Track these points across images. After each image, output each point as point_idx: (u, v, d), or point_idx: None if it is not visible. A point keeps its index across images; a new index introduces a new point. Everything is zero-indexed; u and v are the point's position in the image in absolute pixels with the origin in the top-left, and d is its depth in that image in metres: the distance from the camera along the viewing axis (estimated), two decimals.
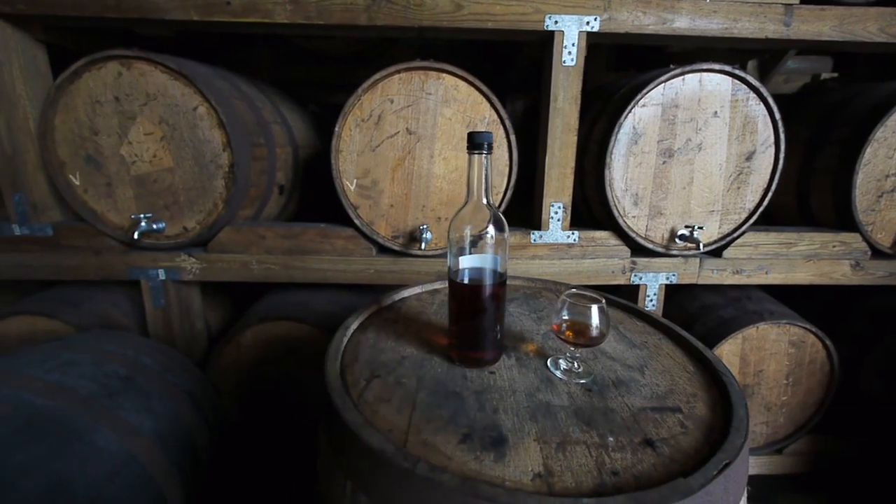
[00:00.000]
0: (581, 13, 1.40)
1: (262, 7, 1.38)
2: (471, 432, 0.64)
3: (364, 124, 1.46)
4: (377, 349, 0.85)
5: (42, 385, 1.11)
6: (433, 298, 1.12)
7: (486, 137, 0.74)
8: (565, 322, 0.79)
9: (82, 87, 1.42)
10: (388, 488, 0.55)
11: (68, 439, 1.02)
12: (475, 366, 0.80)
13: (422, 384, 0.74)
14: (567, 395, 0.74)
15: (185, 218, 1.54)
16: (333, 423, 0.63)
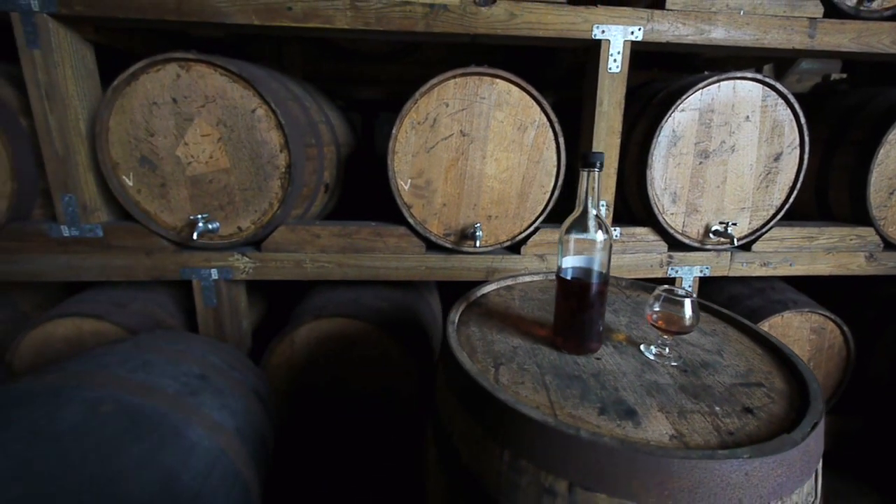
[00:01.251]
0: (626, 24, 1.54)
1: (323, 13, 1.47)
2: (605, 406, 0.77)
3: (420, 127, 1.57)
4: (487, 341, 0.97)
5: (133, 385, 1.19)
6: (511, 294, 1.25)
7: (598, 157, 0.87)
8: (657, 313, 0.93)
9: (139, 89, 1.49)
10: (552, 452, 0.68)
11: (168, 435, 1.11)
12: (582, 353, 0.93)
13: (543, 370, 0.87)
14: (668, 375, 0.88)
15: (240, 218, 1.62)
16: (486, 404, 0.75)
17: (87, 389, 1.09)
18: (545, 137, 1.61)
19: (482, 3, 1.49)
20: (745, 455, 0.67)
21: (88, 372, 1.16)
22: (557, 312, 0.94)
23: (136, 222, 1.60)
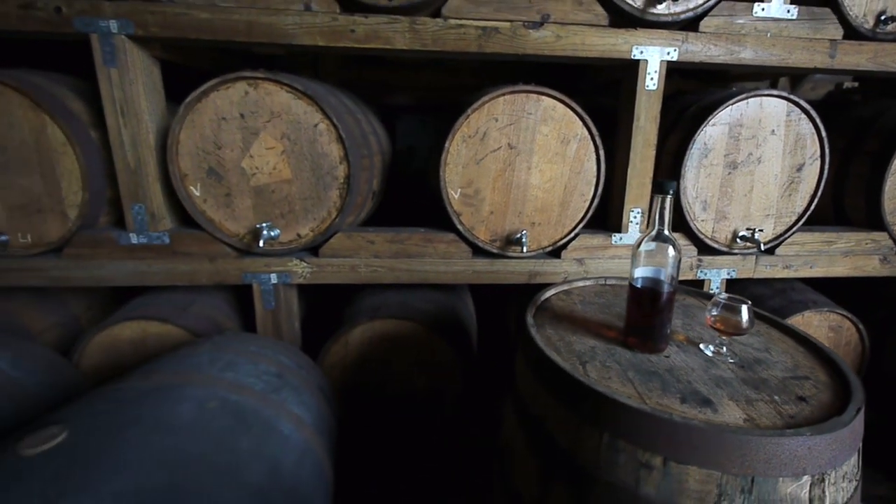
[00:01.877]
0: (662, 45, 1.69)
1: (384, 35, 1.60)
2: (684, 396, 0.91)
3: (470, 140, 1.70)
4: (566, 342, 1.11)
5: (227, 383, 1.31)
6: (570, 298, 1.39)
7: (671, 186, 1.01)
8: (715, 317, 1.08)
9: (209, 105, 1.60)
10: (647, 433, 0.82)
11: (266, 429, 1.24)
12: (653, 352, 1.07)
13: (623, 366, 1.01)
14: (729, 370, 1.03)
15: (300, 225, 1.74)
16: (585, 396, 0.88)
17: (192, 388, 1.22)
18: (586, 150, 1.75)
19: (531, 27, 1.63)
20: (807, 433, 0.81)
21: (188, 372, 1.28)
22: (629, 316, 1.08)
23: (201, 230, 1.72)
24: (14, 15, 1.48)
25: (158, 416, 1.08)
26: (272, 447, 1.18)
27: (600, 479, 0.85)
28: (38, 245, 1.70)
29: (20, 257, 1.69)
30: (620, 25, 1.67)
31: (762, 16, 1.69)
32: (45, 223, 1.68)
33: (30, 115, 1.58)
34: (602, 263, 1.87)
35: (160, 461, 0.97)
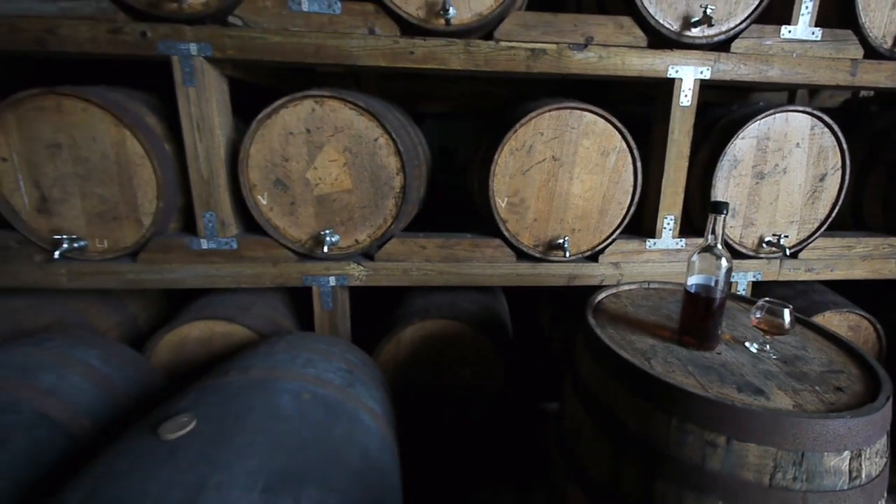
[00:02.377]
0: (696, 64, 1.84)
1: (440, 56, 1.75)
2: (740, 387, 1.07)
3: (517, 152, 1.85)
4: (627, 340, 1.26)
5: (312, 378, 1.47)
6: (620, 301, 1.54)
7: (725, 206, 1.16)
8: (760, 319, 1.23)
9: (278, 121, 1.75)
10: (713, 417, 0.97)
11: (351, 419, 1.39)
12: (706, 350, 1.22)
13: (683, 361, 1.16)
14: (774, 365, 1.18)
15: (358, 232, 1.89)
16: (656, 387, 1.03)
17: (286, 382, 1.37)
18: (624, 161, 1.90)
19: (576, 49, 1.78)
20: (847, 417, 0.97)
21: (278, 368, 1.43)
22: (684, 318, 1.23)
23: (267, 236, 1.87)
24: (104, 39, 1.63)
25: (267, 407, 1.23)
26: (359, 435, 1.34)
27: (670, 456, 1.00)
28: (113, 250, 1.85)
29: (97, 261, 1.84)
30: (658, 47, 1.82)
31: (789, 37, 1.85)
32: (121, 229, 1.83)
33: (111, 130, 1.72)
34: (636, 267, 2.02)
35: (277, 444, 1.12)
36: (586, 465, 1.19)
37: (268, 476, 1.03)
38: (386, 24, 1.71)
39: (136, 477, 0.96)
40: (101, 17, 1.62)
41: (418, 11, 1.69)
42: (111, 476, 0.98)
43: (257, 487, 0.99)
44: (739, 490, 0.95)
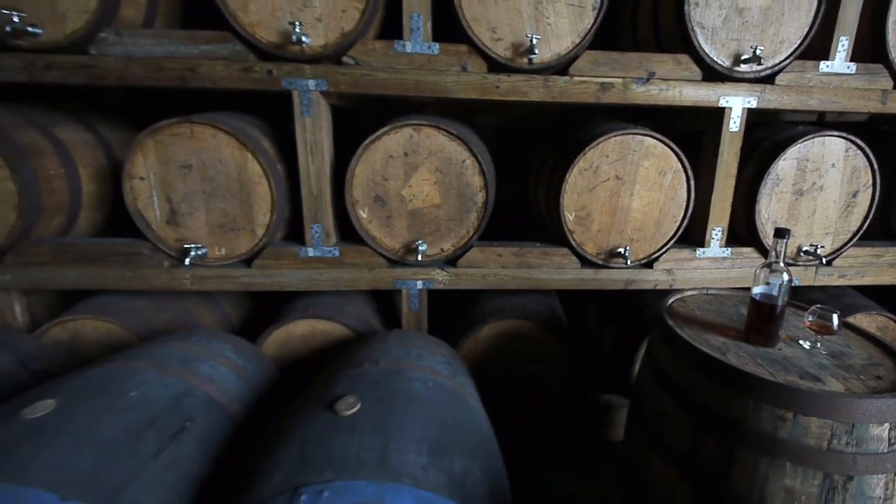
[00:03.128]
0: (744, 95, 2.12)
1: (522, 89, 2.04)
2: (801, 375, 1.36)
3: (585, 172, 2.14)
4: (702, 338, 1.55)
5: (428, 369, 1.76)
6: (686, 305, 1.83)
7: (787, 233, 1.44)
8: (812, 321, 1.52)
9: (380, 146, 2.05)
10: (783, 397, 1.26)
11: (464, 403, 1.68)
12: (769, 346, 1.51)
13: (752, 356, 1.45)
14: (825, 359, 1.47)
15: (444, 241, 2.19)
16: (737, 375, 1.32)
17: (412, 371, 1.66)
18: (679, 180, 2.19)
19: (639, 82, 2.07)
20: (887, 397, 1.26)
21: (402, 361, 1.73)
22: (750, 320, 1.52)
23: (365, 245, 2.16)
24: (236, 76, 1.93)
25: (405, 392, 1.53)
26: (472, 416, 1.63)
27: (748, 429, 1.29)
28: (229, 257, 2.15)
29: (215, 266, 2.14)
30: (711, 80, 2.10)
31: (827, 71, 2.13)
32: (238, 239, 2.13)
33: (236, 153, 2.02)
34: (687, 273, 2.31)
35: (424, 421, 1.42)
36: (670, 439, 1.48)
37: (427, 444, 1.32)
38: (476, 63, 2.00)
39: (332, 442, 1.26)
40: (235, 58, 1.92)
41: (505, 52, 1.98)
42: (311, 441, 1.28)
43: (424, 452, 1.29)
44: (804, 454, 1.24)
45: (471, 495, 1.26)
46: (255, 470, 1.28)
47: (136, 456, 1.30)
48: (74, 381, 1.48)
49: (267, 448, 1.35)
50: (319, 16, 1.89)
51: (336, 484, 1.13)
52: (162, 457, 1.34)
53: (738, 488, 1.31)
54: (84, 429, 1.29)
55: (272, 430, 1.49)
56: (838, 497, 1.23)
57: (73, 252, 2.08)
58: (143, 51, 1.89)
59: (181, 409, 1.51)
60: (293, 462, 1.22)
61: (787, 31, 2.04)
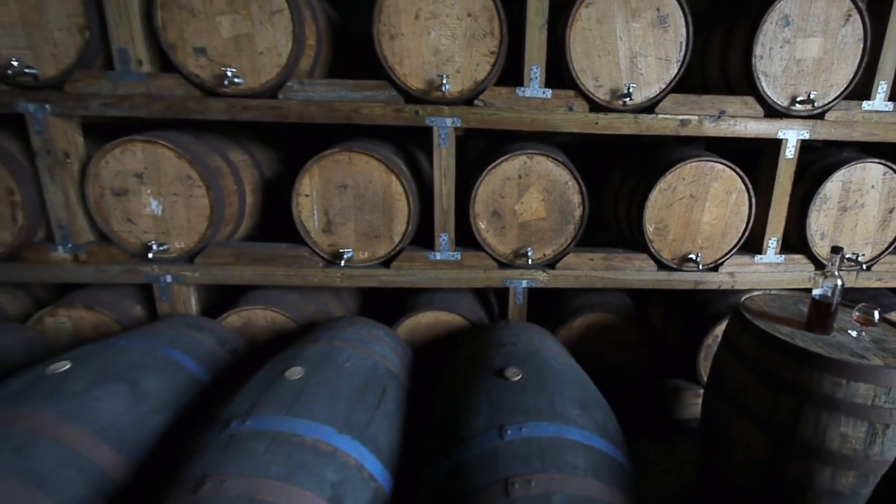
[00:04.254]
0: (799, 128, 2.63)
1: (616, 125, 2.57)
2: (852, 354, 1.88)
3: (664, 192, 2.67)
4: (773, 328, 2.08)
5: (549, 349, 2.30)
6: (755, 303, 2.35)
7: (841, 249, 1.96)
8: (858, 315, 2.04)
9: (500, 170, 2.59)
10: (840, 369, 1.79)
11: (586, 377, 2.22)
12: (825, 334, 2.03)
13: (813, 340, 1.97)
14: (869, 344, 1.99)
15: (546, 248, 2.73)
16: (807, 355, 1.85)
17: (542, 351, 2.21)
18: (742, 198, 2.71)
19: (712, 119, 2.59)
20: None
21: (531, 342, 2.28)
22: (811, 314, 2.04)
23: (482, 251, 2.71)
24: (390, 115, 2.48)
25: (546, 364, 2.08)
26: (592, 385, 2.17)
27: (812, 392, 1.82)
28: (371, 259, 2.71)
29: (360, 267, 2.70)
30: (771, 116, 2.62)
31: (869, 109, 2.63)
32: (378, 245, 2.69)
33: (383, 176, 2.57)
34: (746, 276, 2.83)
35: (568, 386, 1.96)
36: (749, 403, 2.01)
37: (577, 402, 1.87)
38: (580, 104, 2.53)
39: (513, 398, 1.81)
40: (390, 102, 2.47)
41: (604, 96, 2.51)
42: (495, 397, 1.83)
43: (576, 406, 1.84)
44: (854, 409, 1.77)
45: (611, 437, 1.81)
46: (455, 418, 1.84)
47: (366, 407, 1.86)
48: (303, 354, 2.04)
49: (457, 404, 1.91)
50: (458, 68, 2.44)
51: (529, 423, 1.68)
52: (379, 409, 1.91)
53: (804, 436, 1.84)
54: (331, 387, 1.86)
55: (447, 392, 2.05)
56: (878, 439, 1.76)
57: (249, 255, 2.65)
58: (319, 95, 2.45)
59: (376, 377, 2.07)
60: (488, 411, 1.78)
61: (835, 78, 2.55)
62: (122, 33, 2.32)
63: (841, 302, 2.24)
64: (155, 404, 1.92)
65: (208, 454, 1.53)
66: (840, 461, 1.81)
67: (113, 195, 2.50)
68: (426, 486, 1.68)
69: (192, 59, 2.34)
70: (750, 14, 2.52)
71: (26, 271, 2.59)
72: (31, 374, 1.85)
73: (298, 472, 1.50)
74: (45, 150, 2.43)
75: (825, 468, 1.83)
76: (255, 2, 2.29)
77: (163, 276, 2.62)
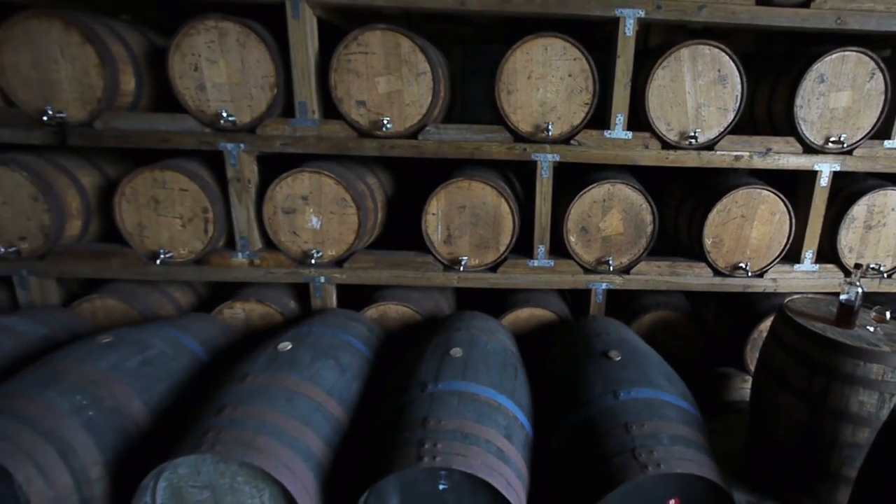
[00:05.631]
0: (831, 162, 3.36)
1: (682, 160, 3.32)
2: (869, 343, 2.62)
3: (720, 212, 3.42)
4: (809, 324, 2.84)
5: (637, 339, 3.09)
6: (795, 304, 3.11)
7: (861, 265, 2.71)
8: (875, 315, 2.79)
9: (588, 196, 3.36)
10: (861, 354, 2.54)
11: (662, 360, 3.00)
12: (849, 329, 2.78)
13: (840, 334, 2.72)
14: (882, 336, 2.73)
15: (622, 257, 3.50)
16: (838, 344, 2.60)
17: (626, 341, 2.99)
18: (784, 218, 3.45)
19: (759, 155, 3.33)
20: None
21: (619, 332, 3.06)
22: (838, 314, 2.79)
23: (570, 259, 3.49)
24: (504, 152, 3.25)
25: (639, 349, 2.86)
26: (668, 365, 2.94)
27: (838, 371, 2.59)
28: (481, 265, 3.50)
29: (472, 271, 3.50)
30: (808, 152, 3.36)
31: (889, 146, 3.36)
32: (487, 253, 3.48)
33: (494, 198, 3.35)
34: (786, 281, 3.58)
35: (658, 365, 2.75)
36: (792, 381, 2.78)
37: (664, 376, 2.65)
38: (654, 143, 3.29)
39: (619, 372, 2.60)
40: (504, 141, 3.25)
41: (674, 137, 3.27)
42: (605, 371, 2.62)
43: (665, 379, 2.61)
44: (869, 383, 2.53)
45: (690, 401, 2.58)
46: (574, 386, 2.62)
47: (508, 377, 2.66)
48: (454, 338, 2.84)
49: (574, 377, 2.69)
50: (559, 116, 3.20)
51: (634, 389, 2.47)
52: (517, 380, 2.70)
53: (833, 403, 2.60)
54: (483, 363, 2.65)
55: (560, 369, 2.84)
56: (886, 405, 2.52)
57: (386, 261, 3.45)
58: (450, 137, 3.23)
59: (507, 356, 2.87)
60: (602, 381, 2.56)
61: (862, 122, 3.28)
62: (303, 90, 3.11)
63: (862, 304, 3.00)
64: (353, 374, 2.74)
65: (420, 405, 2.34)
66: (858, 421, 2.57)
67: (283, 213, 3.32)
68: (561, 433, 2.47)
69: (355, 109, 3.14)
70: (792, 72, 3.26)
71: (213, 272, 3.42)
72: (267, 352, 2.66)
73: (483, 418, 2.29)
74: (236, 178, 3.24)
75: (848, 426, 2.59)
76: (405, 65, 3.07)
77: (318, 278, 3.44)
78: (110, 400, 2.43)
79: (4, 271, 3.33)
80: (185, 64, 3.03)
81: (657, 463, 2.09)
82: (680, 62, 3.11)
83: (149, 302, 3.52)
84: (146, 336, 2.82)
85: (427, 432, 2.18)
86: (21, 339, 2.94)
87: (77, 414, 2.31)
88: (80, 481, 2.22)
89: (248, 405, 2.29)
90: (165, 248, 3.32)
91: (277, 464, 2.11)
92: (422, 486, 2.18)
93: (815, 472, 2.72)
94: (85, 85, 3.06)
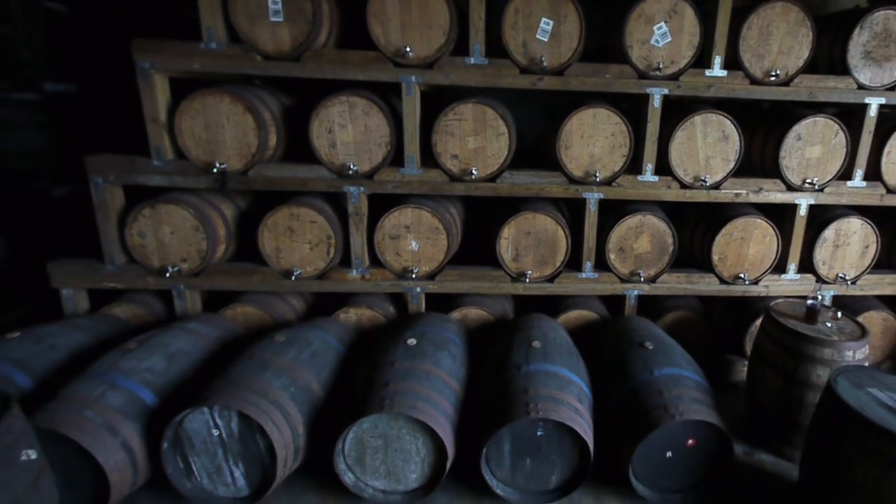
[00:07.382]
0: (807, 198, 4.88)
1: (696, 197, 4.80)
2: (825, 334, 4.14)
3: (725, 235, 4.92)
4: (788, 321, 4.34)
5: (659, 334, 4.59)
6: (779, 306, 4.61)
7: (822, 281, 4.22)
8: (831, 314, 4.32)
9: (624, 224, 4.84)
10: (819, 343, 4.05)
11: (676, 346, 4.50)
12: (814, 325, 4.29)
13: (808, 329, 4.23)
14: (835, 329, 4.26)
15: (650, 270, 5.00)
16: (803, 335, 4.11)
17: (656, 335, 4.50)
18: (773, 240, 4.95)
19: (753, 192, 4.84)
20: (853, 342, 4.06)
21: (650, 328, 4.56)
22: (806, 314, 4.30)
23: (609, 271, 4.98)
24: (560, 191, 4.72)
25: (667, 341, 4.36)
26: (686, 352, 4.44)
27: (805, 354, 4.10)
28: (541, 277, 4.97)
29: (535, 282, 4.97)
30: (790, 190, 4.86)
31: (851, 186, 4.87)
32: (545, 268, 4.95)
33: (552, 226, 4.82)
34: (776, 287, 5.10)
35: (680, 354, 4.25)
36: (774, 361, 4.29)
37: (684, 360, 4.15)
38: (675, 184, 4.76)
39: (651, 357, 4.10)
40: (560, 183, 4.71)
41: (689, 179, 4.75)
42: (642, 358, 4.12)
43: (684, 362, 4.12)
44: (824, 362, 4.04)
45: (703, 377, 4.09)
46: (620, 366, 4.11)
47: (574, 361, 4.14)
48: (531, 333, 4.31)
49: (618, 360, 4.18)
50: (604, 165, 4.67)
51: (664, 368, 3.96)
52: (579, 364, 4.19)
53: (800, 376, 4.12)
54: (556, 350, 4.13)
55: (607, 355, 4.33)
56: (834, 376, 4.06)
57: (468, 275, 4.91)
58: (521, 181, 4.68)
59: (571, 347, 4.35)
60: (641, 363, 4.05)
61: (830, 168, 4.79)
62: (411, 146, 4.53)
63: (824, 305, 4.54)
64: (460, 361, 4.20)
65: (520, 380, 3.80)
66: (817, 389, 4.09)
67: (390, 238, 4.74)
68: (614, 398, 3.96)
69: (449, 160, 4.57)
70: (777, 130, 4.75)
71: (332, 285, 4.85)
72: (398, 345, 4.10)
73: (563, 387, 3.77)
74: (356, 213, 4.66)
75: (811, 392, 4.11)
76: (489, 128, 4.50)
77: (415, 288, 4.88)
78: (301, 381, 3.85)
79: (170, 286, 4.72)
80: (321, 128, 4.43)
81: (681, 413, 3.58)
82: (694, 126, 4.59)
83: (277, 308, 4.93)
84: (305, 335, 4.24)
85: (528, 397, 3.65)
86: (205, 338, 4.35)
87: (285, 390, 3.73)
88: (295, 434, 3.65)
89: (404, 382, 3.74)
90: (296, 267, 4.72)
91: (432, 419, 3.57)
92: (526, 432, 3.65)
93: (791, 426, 4.24)
94: (243, 143, 4.44)
